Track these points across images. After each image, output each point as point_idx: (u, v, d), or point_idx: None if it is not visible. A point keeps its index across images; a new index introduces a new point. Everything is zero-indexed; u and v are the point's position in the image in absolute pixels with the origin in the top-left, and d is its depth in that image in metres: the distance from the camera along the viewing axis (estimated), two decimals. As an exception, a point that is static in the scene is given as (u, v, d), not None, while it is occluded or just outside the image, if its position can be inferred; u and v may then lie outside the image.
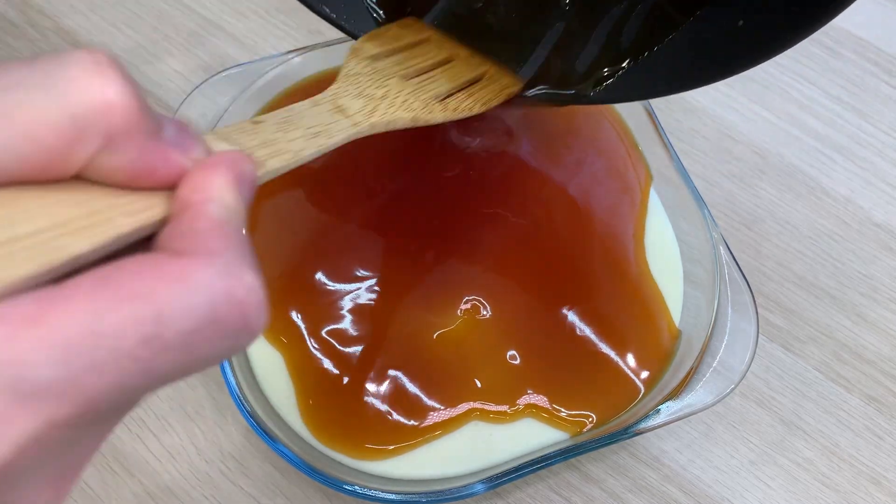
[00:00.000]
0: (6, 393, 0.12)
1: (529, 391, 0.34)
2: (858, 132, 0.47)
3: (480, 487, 0.31)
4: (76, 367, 0.13)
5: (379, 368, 0.34)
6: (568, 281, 0.37)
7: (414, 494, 0.30)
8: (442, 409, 0.33)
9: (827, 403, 0.39)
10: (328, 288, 0.35)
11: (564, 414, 0.34)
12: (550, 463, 0.31)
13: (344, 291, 0.35)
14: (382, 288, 0.35)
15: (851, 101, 0.48)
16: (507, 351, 0.35)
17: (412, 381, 0.34)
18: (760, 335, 0.40)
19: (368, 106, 0.25)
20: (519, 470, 0.31)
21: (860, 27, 0.50)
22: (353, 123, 0.24)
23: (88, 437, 0.16)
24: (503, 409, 0.34)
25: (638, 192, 0.39)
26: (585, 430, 0.34)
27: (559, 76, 0.32)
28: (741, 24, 0.28)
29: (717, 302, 0.35)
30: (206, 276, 0.14)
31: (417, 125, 0.27)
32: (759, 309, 0.35)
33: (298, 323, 0.34)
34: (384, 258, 0.36)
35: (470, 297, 0.36)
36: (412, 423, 0.33)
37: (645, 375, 0.35)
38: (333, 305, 0.35)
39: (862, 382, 0.40)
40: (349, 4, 0.32)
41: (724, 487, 0.37)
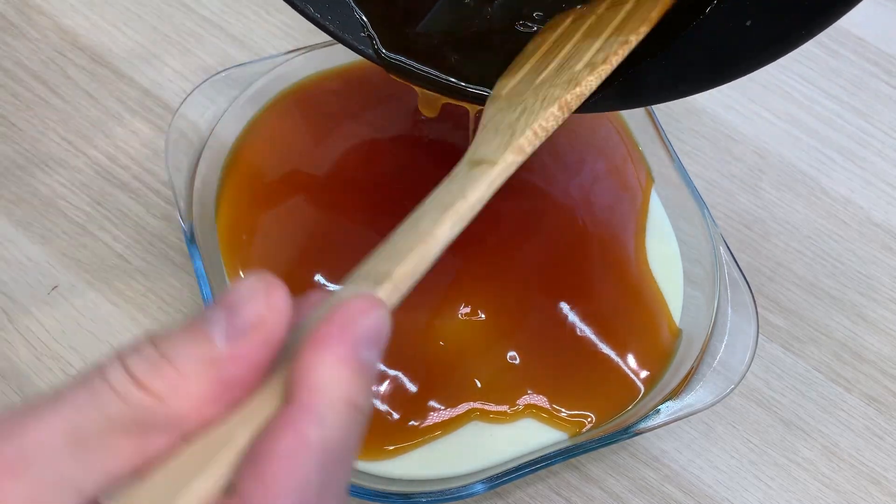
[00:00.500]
0: None
1: (529, 391, 0.34)
2: (858, 132, 0.47)
3: (480, 487, 0.31)
4: None
5: (378, 369, 0.34)
6: (568, 281, 0.37)
7: (414, 494, 0.30)
8: (442, 409, 0.33)
9: (827, 403, 0.39)
10: (329, 289, 0.35)
11: (564, 414, 0.34)
12: (550, 463, 0.31)
13: (344, 291, 0.35)
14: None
15: (851, 101, 0.48)
16: (507, 351, 0.35)
17: (412, 381, 0.34)
18: (760, 335, 0.40)
19: (505, 135, 0.23)
20: (519, 470, 0.31)
21: (860, 27, 0.50)
22: (491, 164, 0.21)
23: None
24: (503, 409, 0.34)
25: (639, 192, 0.39)
26: (585, 430, 0.34)
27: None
28: (749, 24, 0.27)
29: (716, 302, 0.35)
30: None
31: (574, 109, 0.24)
32: (759, 309, 0.35)
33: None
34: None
35: (470, 297, 0.36)
36: (412, 423, 0.33)
37: (645, 375, 0.35)
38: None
39: (862, 382, 0.40)
40: (335, 5, 0.31)
41: (724, 487, 0.37)
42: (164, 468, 0.14)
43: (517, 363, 0.35)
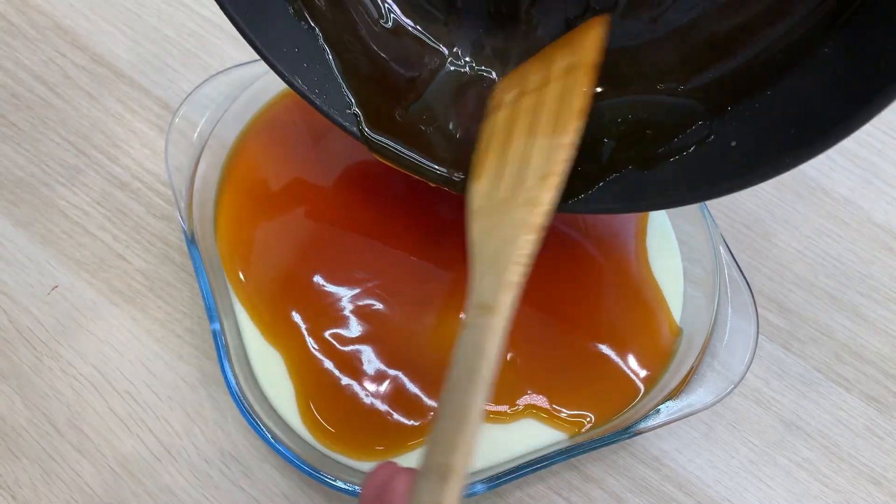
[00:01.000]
0: None
1: (529, 391, 0.34)
2: (858, 132, 0.47)
3: (480, 487, 0.31)
4: None
5: (379, 369, 0.34)
6: (569, 281, 0.37)
7: (414, 494, 0.30)
8: (442, 409, 0.33)
9: (827, 403, 0.39)
10: (328, 289, 0.35)
11: (564, 414, 0.34)
12: (550, 463, 0.31)
13: (344, 293, 0.35)
14: (382, 290, 0.35)
15: (851, 101, 0.48)
16: (506, 351, 0.35)
17: (412, 381, 0.34)
18: (760, 335, 0.40)
19: (495, 270, 0.25)
20: (519, 470, 0.31)
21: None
22: (492, 312, 0.24)
23: None
24: (503, 409, 0.34)
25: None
26: (584, 429, 0.34)
27: None
28: (734, 144, 0.27)
29: (717, 302, 0.35)
30: None
31: (545, 223, 0.26)
32: (759, 309, 0.35)
33: (299, 323, 0.34)
34: (384, 261, 0.36)
35: (470, 297, 0.36)
36: (412, 423, 0.33)
37: (645, 375, 0.35)
38: (334, 306, 0.35)
39: (862, 382, 0.40)
40: (324, 80, 0.31)
41: (724, 487, 0.37)
42: None
43: (517, 363, 0.35)
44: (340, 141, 0.39)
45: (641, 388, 0.35)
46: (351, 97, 0.31)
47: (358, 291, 0.35)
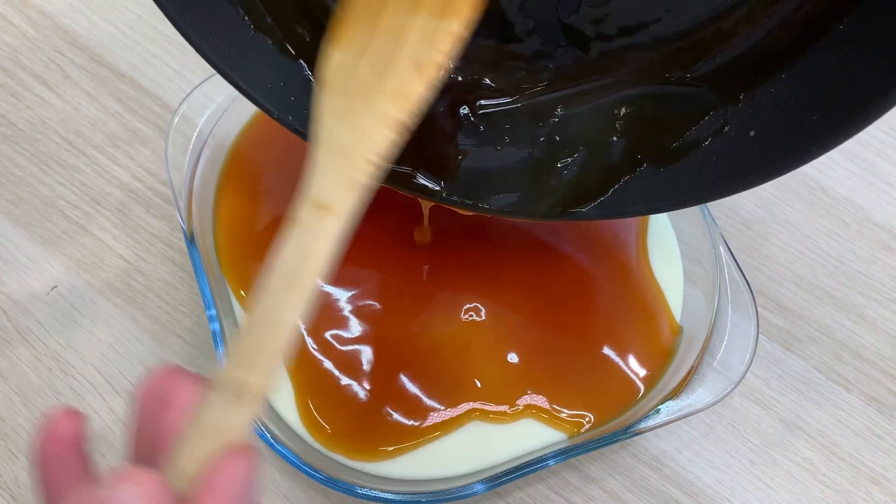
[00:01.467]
0: None
1: (529, 391, 0.34)
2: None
3: (480, 487, 0.31)
4: None
5: (379, 369, 0.34)
6: (570, 281, 0.37)
7: (414, 494, 0.30)
8: (442, 409, 0.33)
9: (827, 403, 0.39)
10: (327, 289, 0.35)
11: (564, 414, 0.34)
12: (550, 463, 0.31)
13: (343, 293, 0.35)
14: (382, 291, 0.35)
15: (851, 101, 0.48)
16: (507, 351, 0.35)
17: (412, 381, 0.34)
18: (760, 335, 0.40)
19: (341, 162, 0.21)
20: (519, 470, 0.31)
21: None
22: (329, 212, 0.20)
23: None
24: (503, 409, 0.34)
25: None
26: (583, 430, 0.34)
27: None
28: (752, 134, 0.26)
29: (717, 301, 0.35)
30: None
31: (407, 127, 0.23)
32: (759, 309, 0.35)
33: (299, 323, 0.34)
34: (385, 262, 0.36)
35: (471, 298, 0.36)
36: (412, 423, 0.33)
37: (645, 375, 0.35)
38: (333, 307, 0.35)
39: (862, 382, 0.40)
40: (292, 107, 0.29)
41: (724, 487, 0.37)
42: None
43: (517, 364, 0.35)
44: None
45: (641, 387, 0.35)
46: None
47: (357, 291, 0.35)
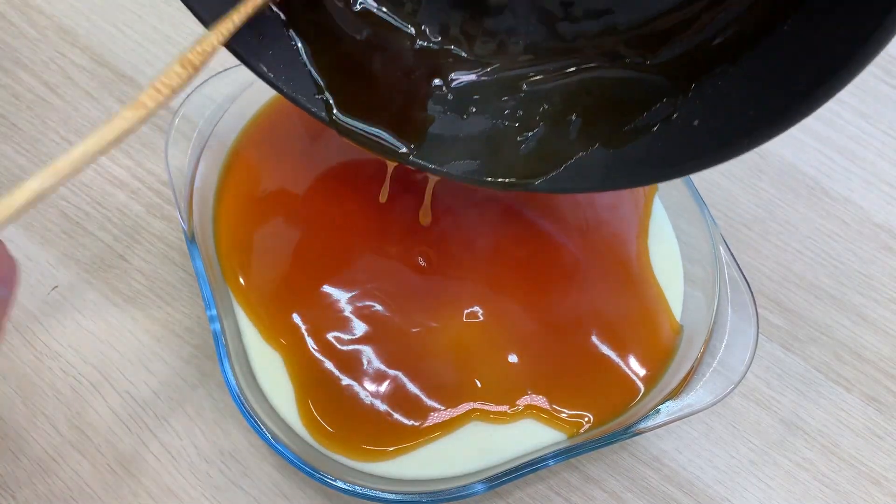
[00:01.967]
0: None
1: (529, 391, 0.34)
2: (858, 132, 0.47)
3: (480, 487, 0.31)
4: None
5: (378, 369, 0.34)
6: (570, 281, 0.37)
7: (414, 494, 0.30)
8: (442, 409, 0.33)
9: (827, 403, 0.39)
10: (328, 289, 0.35)
11: (565, 415, 0.34)
12: (550, 463, 0.31)
13: (344, 293, 0.35)
14: (383, 291, 0.35)
15: (851, 101, 0.48)
16: (507, 351, 0.35)
17: (412, 381, 0.34)
18: (760, 335, 0.40)
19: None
20: (519, 470, 0.31)
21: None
22: (123, 109, 0.22)
23: None
24: (503, 409, 0.34)
25: (642, 194, 0.39)
26: (583, 430, 0.34)
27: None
28: (696, 123, 0.28)
29: (716, 302, 0.35)
30: None
31: (198, 66, 0.25)
32: (759, 309, 0.35)
33: (298, 324, 0.34)
34: (384, 261, 0.36)
35: (471, 298, 0.36)
36: (412, 423, 0.33)
37: (645, 375, 0.35)
38: (333, 307, 0.35)
39: (862, 382, 0.40)
40: (289, 66, 0.31)
41: (724, 487, 0.37)
42: None
43: (517, 364, 0.35)
44: (340, 141, 0.39)
45: (641, 387, 0.35)
46: (321, 82, 0.31)
47: (357, 292, 0.35)
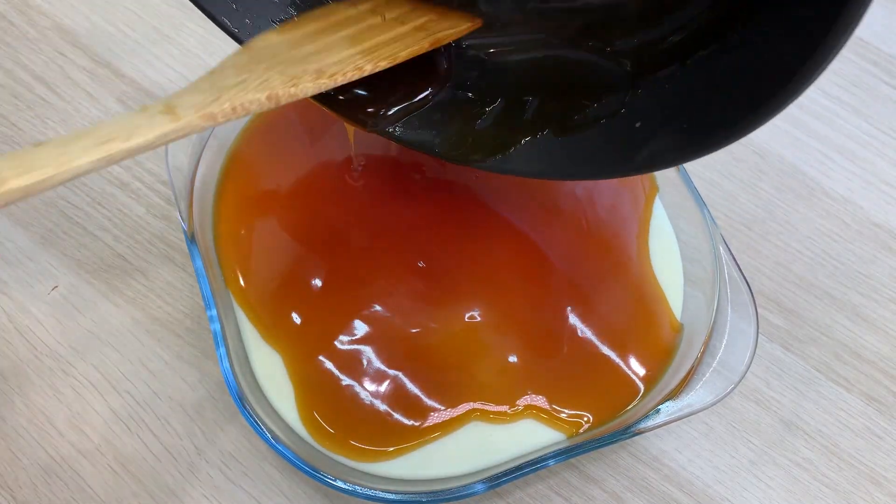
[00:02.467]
0: None
1: (529, 392, 0.34)
2: (858, 132, 0.47)
3: (480, 487, 0.31)
4: None
5: (378, 369, 0.34)
6: (570, 282, 0.37)
7: (414, 494, 0.30)
8: (442, 409, 0.33)
9: (827, 403, 0.39)
10: (329, 290, 0.35)
11: (564, 415, 0.34)
12: (550, 463, 0.31)
13: (345, 294, 0.35)
14: (383, 291, 0.35)
15: (851, 101, 0.48)
16: (507, 352, 0.35)
17: (412, 381, 0.34)
18: (760, 335, 0.40)
19: (211, 96, 0.23)
20: (519, 470, 0.31)
21: (860, 27, 0.50)
22: (175, 119, 0.21)
23: None
24: (503, 409, 0.34)
25: (642, 194, 0.39)
26: (582, 430, 0.34)
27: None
28: (638, 125, 0.27)
29: (716, 301, 0.35)
30: None
31: (279, 103, 0.24)
32: (759, 309, 0.35)
33: (298, 324, 0.34)
34: (384, 261, 0.36)
35: (471, 299, 0.36)
36: (412, 423, 0.33)
37: (645, 375, 0.35)
38: (333, 307, 0.35)
39: (862, 382, 0.40)
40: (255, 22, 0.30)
41: (723, 487, 0.37)
42: None
43: (517, 364, 0.35)
44: (339, 141, 0.39)
45: (641, 387, 0.35)
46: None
47: (357, 292, 0.35)
